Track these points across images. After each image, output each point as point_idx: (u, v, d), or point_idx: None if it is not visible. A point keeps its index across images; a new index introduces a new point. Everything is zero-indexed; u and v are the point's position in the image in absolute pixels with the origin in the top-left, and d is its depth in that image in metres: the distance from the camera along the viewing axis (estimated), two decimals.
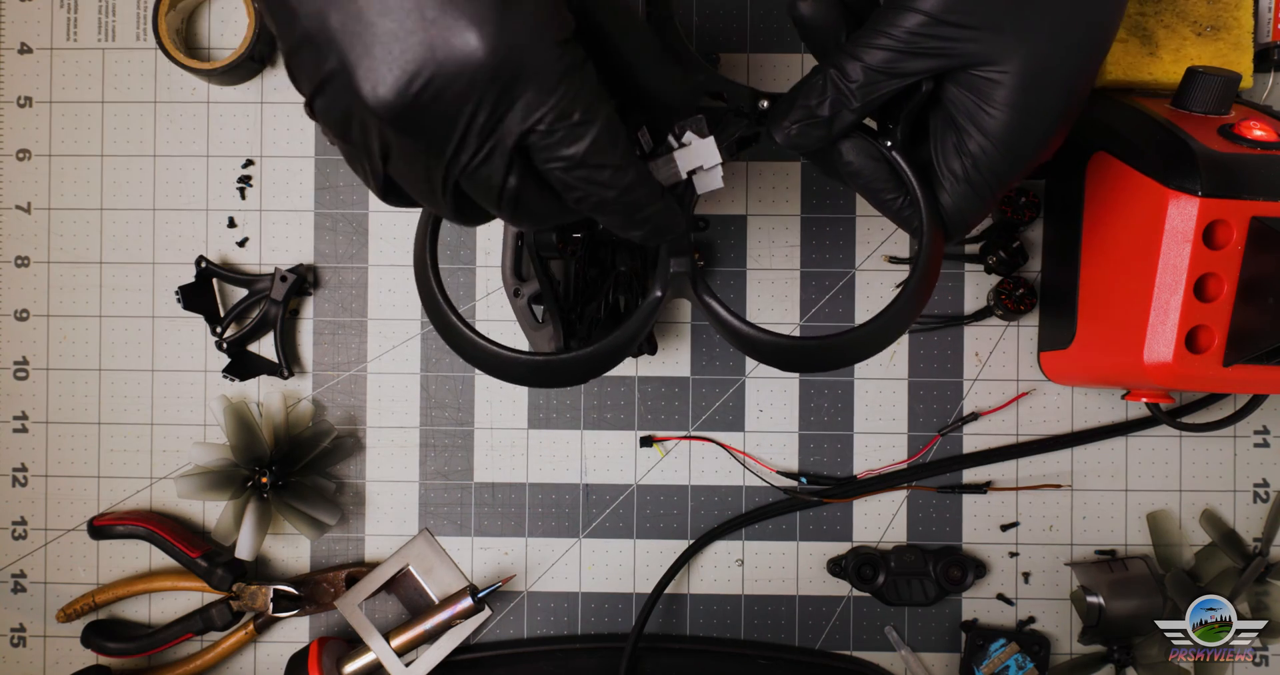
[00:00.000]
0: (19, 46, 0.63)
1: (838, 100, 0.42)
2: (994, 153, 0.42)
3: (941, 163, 0.44)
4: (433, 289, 0.44)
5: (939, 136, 0.44)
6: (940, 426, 0.62)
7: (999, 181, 0.43)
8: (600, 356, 0.42)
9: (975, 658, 0.60)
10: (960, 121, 0.42)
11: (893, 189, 0.45)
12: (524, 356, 0.42)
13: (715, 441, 0.62)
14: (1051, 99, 0.41)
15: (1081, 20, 0.41)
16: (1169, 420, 0.55)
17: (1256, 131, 0.49)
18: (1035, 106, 0.41)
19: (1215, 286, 0.47)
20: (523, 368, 0.43)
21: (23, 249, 0.63)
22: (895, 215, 0.46)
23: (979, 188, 0.43)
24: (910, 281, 0.44)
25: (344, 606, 0.60)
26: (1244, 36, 0.56)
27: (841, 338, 0.43)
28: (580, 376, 0.43)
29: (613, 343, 0.42)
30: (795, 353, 0.44)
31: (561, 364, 0.42)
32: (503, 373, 0.43)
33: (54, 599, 0.63)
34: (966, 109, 0.42)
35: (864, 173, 0.45)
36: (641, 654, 0.60)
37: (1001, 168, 0.42)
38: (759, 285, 0.62)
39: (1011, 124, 0.41)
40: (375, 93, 0.33)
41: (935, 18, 0.40)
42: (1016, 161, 0.42)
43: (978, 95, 0.41)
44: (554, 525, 0.62)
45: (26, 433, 0.63)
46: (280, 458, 0.59)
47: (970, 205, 0.44)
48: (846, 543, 0.62)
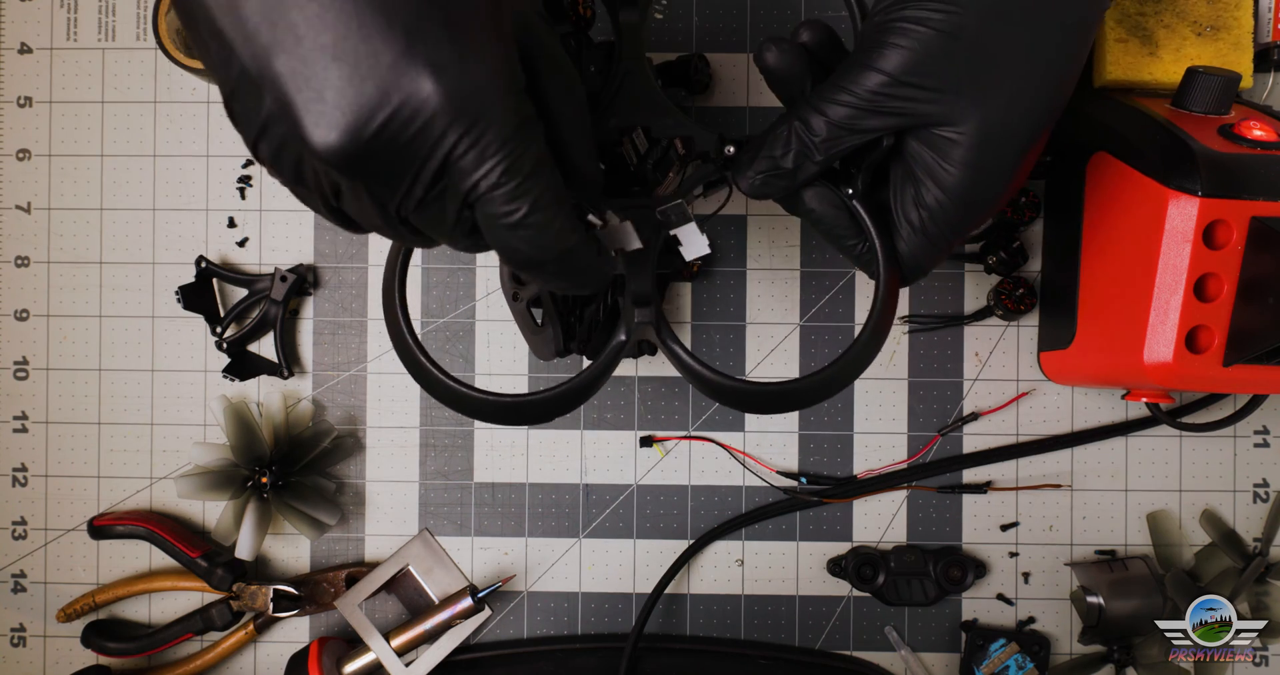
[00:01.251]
0: (19, 46, 0.63)
1: (801, 152, 0.43)
2: (950, 206, 0.44)
3: (900, 213, 0.45)
4: (402, 331, 0.45)
5: (899, 187, 0.45)
6: (940, 426, 0.62)
7: (954, 233, 0.45)
8: (566, 397, 0.44)
9: (975, 658, 0.60)
10: (919, 175, 0.44)
11: (853, 235, 0.47)
12: (490, 397, 0.44)
13: (715, 441, 0.62)
14: (1005, 159, 0.43)
15: (1035, 86, 0.42)
16: (1169, 420, 0.55)
17: (1256, 131, 0.48)
18: (990, 165, 0.43)
19: (1215, 286, 0.47)
20: (490, 407, 0.44)
21: (23, 249, 0.63)
22: (855, 259, 0.47)
23: (935, 239, 0.45)
24: (868, 324, 0.46)
25: (344, 606, 0.60)
26: (1244, 36, 0.56)
27: (801, 383, 0.45)
28: (546, 416, 0.45)
29: (578, 384, 0.44)
30: (758, 397, 0.46)
31: (528, 404, 0.44)
32: (470, 411, 0.45)
33: (54, 599, 0.63)
34: (925, 164, 0.43)
35: (825, 220, 0.46)
36: (641, 654, 0.60)
37: (956, 220, 0.44)
38: (759, 285, 0.62)
39: (966, 181, 0.43)
40: (327, 139, 0.32)
41: (896, 79, 0.41)
42: (971, 215, 0.44)
43: (936, 152, 0.43)
44: (554, 525, 0.62)
45: (26, 433, 0.63)
46: (280, 458, 0.59)
47: (926, 254, 0.46)
48: (846, 543, 0.62)
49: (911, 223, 0.45)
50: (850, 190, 0.46)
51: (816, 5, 0.62)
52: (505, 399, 0.44)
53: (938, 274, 0.62)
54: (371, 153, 0.33)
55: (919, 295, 0.62)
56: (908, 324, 0.62)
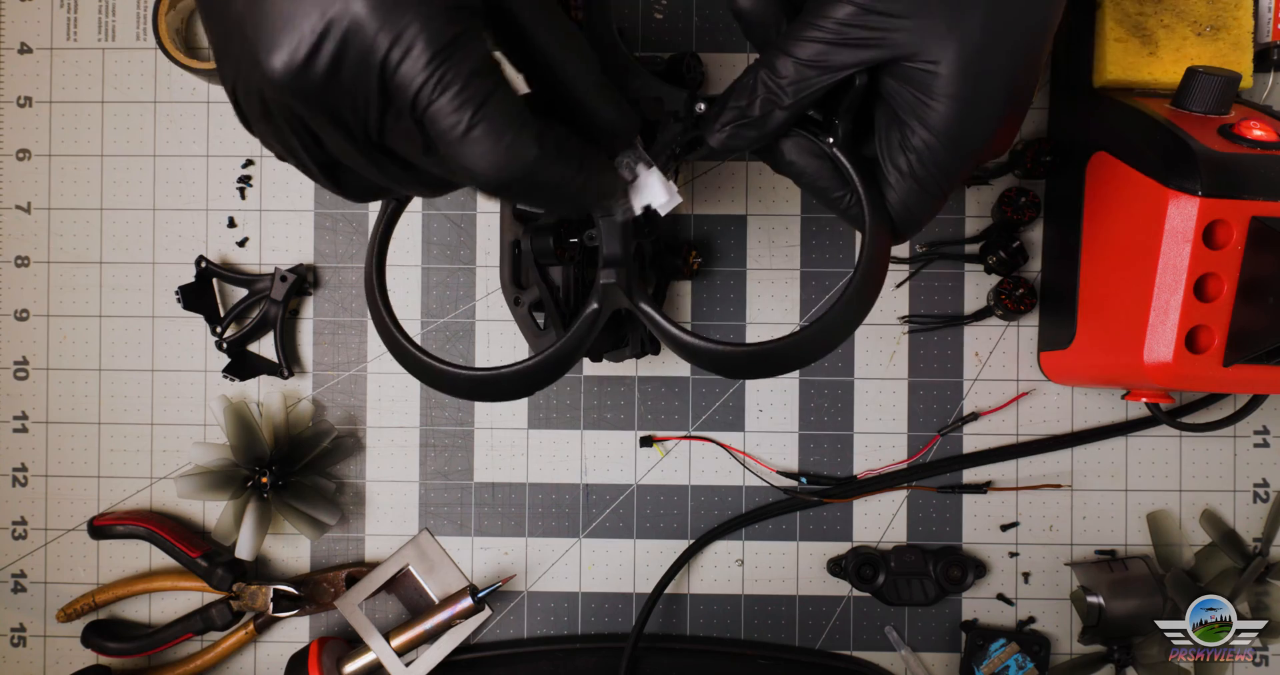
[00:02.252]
0: (19, 46, 0.63)
1: (769, 99, 0.41)
2: (938, 147, 0.41)
3: (887, 159, 0.43)
4: (379, 306, 0.44)
5: (883, 133, 0.43)
6: (940, 426, 0.62)
7: (945, 176, 0.42)
8: (541, 369, 0.42)
9: (975, 658, 0.60)
10: (903, 116, 0.41)
11: (839, 187, 0.44)
12: (464, 371, 0.42)
13: (715, 441, 0.62)
14: (993, 89, 0.40)
15: (1016, 7, 0.40)
16: (1169, 420, 0.55)
17: (1256, 131, 0.48)
18: (975, 96, 0.40)
19: (1215, 286, 0.47)
20: (466, 382, 0.42)
21: (23, 249, 0.63)
22: (844, 214, 0.45)
23: (926, 184, 0.42)
24: (852, 281, 0.42)
25: (344, 606, 0.60)
26: (1244, 36, 0.56)
27: (781, 343, 0.42)
28: (523, 390, 0.43)
29: (554, 355, 0.42)
30: (735, 359, 0.43)
31: (504, 378, 0.42)
32: (446, 387, 0.43)
33: (54, 599, 0.63)
34: (907, 103, 0.41)
35: (807, 172, 0.44)
36: (641, 654, 0.60)
37: (947, 162, 0.41)
38: (759, 285, 0.62)
39: (953, 116, 0.40)
40: (274, 66, 0.33)
41: (863, 7, 0.39)
42: (962, 155, 0.41)
43: (916, 88, 0.40)
44: (554, 525, 0.62)
45: (26, 433, 0.63)
46: (280, 458, 0.59)
47: (918, 202, 0.43)
48: (846, 543, 0.62)
49: (900, 169, 0.42)
50: (831, 139, 0.43)
51: None
52: (478, 373, 0.42)
53: (937, 274, 0.62)
54: (317, 76, 0.33)
55: (919, 295, 0.62)
56: (908, 324, 0.62)
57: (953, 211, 0.62)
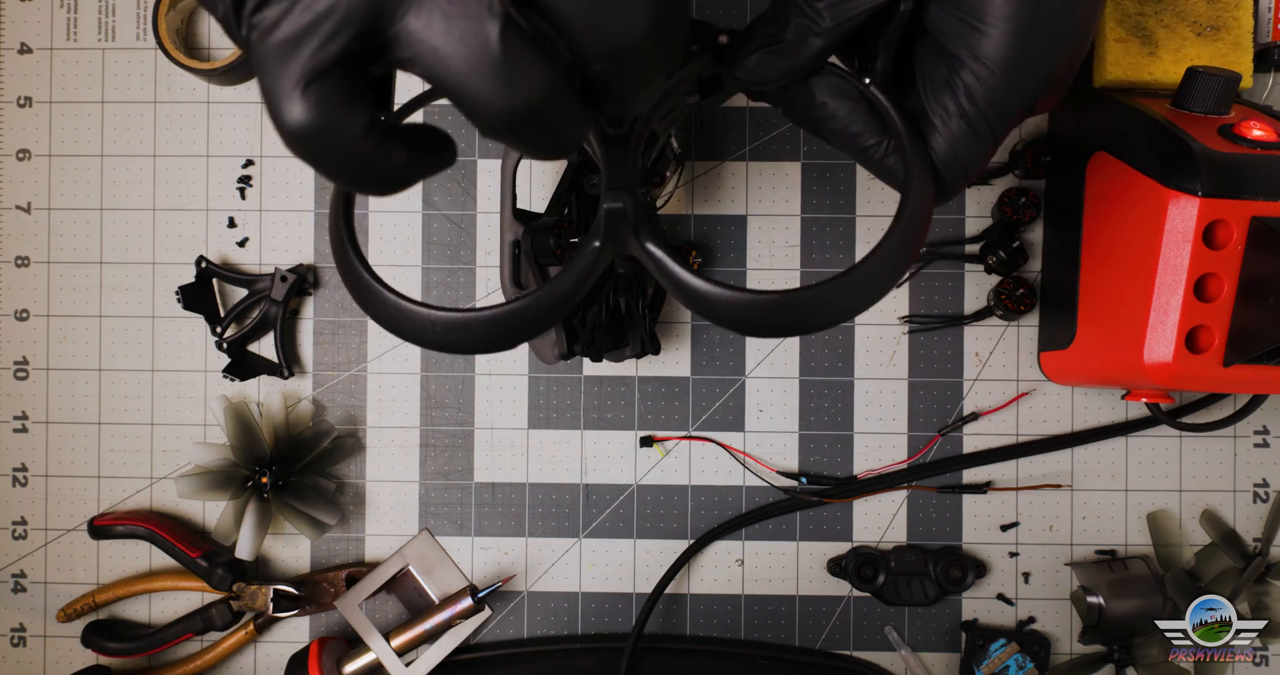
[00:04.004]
0: (19, 46, 0.63)
1: (803, 23, 0.36)
2: (992, 80, 0.36)
3: (931, 100, 0.37)
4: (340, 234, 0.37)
5: (927, 71, 0.38)
6: (940, 426, 0.62)
7: (999, 116, 0.37)
8: (528, 314, 0.36)
9: (975, 658, 0.60)
10: (951, 47, 0.36)
11: (873, 134, 0.39)
12: (437, 312, 0.36)
13: (715, 441, 0.62)
14: (1054, 10, 0.35)
15: None
16: (1169, 420, 0.55)
17: (1256, 131, 0.48)
18: (1037, 19, 0.35)
19: (1215, 286, 0.47)
20: (438, 326, 0.36)
21: (23, 249, 0.63)
22: (878, 166, 0.39)
23: (976, 124, 0.37)
24: (893, 232, 0.36)
25: (344, 606, 0.60)
26: (1244, 36, 0.56)
27: (810, 292, 0.36)
28: (505, 339, 0.36)
29: (545, 298, 0.36)
30: (757, 310, 0.36)
31: (482, 322, 0.35)
32: (411, 332, 0.37)
33: (54, 599, 0.63)
34: (957, 32, 0.36)
35: (839, 115, 0.39)
36: (641, 654, 0.60)
37: (1002, 98, 0.36)
38: (759, 285, 0.62)
39: (1011, 42, 0.35)
40: None
41: None
42: (1020, 89, 0.36)
43: (967, 12, 0.35)
44: (554, 525, 0.62)
45: (26, 433, 0.63)
46: (280, 458, 0.59)
47: (968, 146, 0.37)
48: (846, 543, 0.62)
49: (946, 109, 0.37)
50: (867, 79, 0.38)
51: None
52: (453, 315, 0.36)
53: (938, 274, 0.62)
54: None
55: (919, 295, 0.62)
56: (908, 324, 0.62)
57: (953, 211, 0.62)
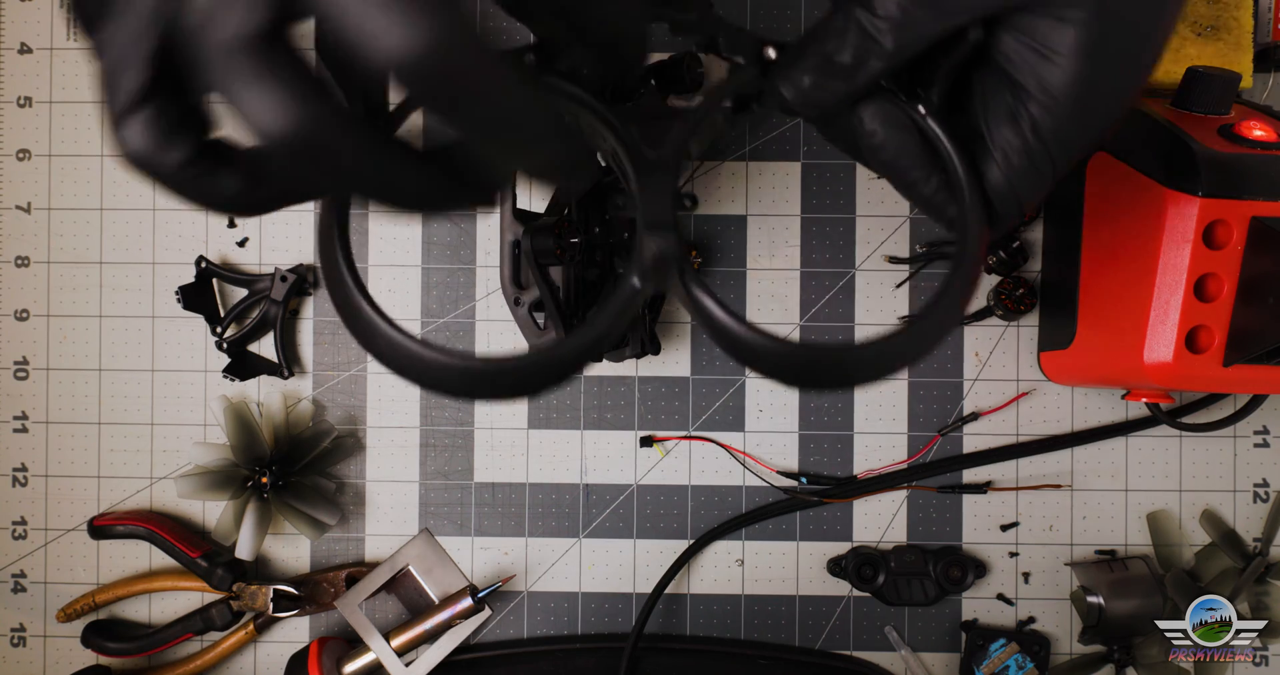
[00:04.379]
0: (19, 46, 0.63)
1: (864, 45, 0.33)
2: (1061, 113, 0.34)
3: (992, 130, 0.35)
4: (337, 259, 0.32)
5: (988, 101, 0.35)
6: (940, 426, 0.62)
7: (1065, 150, 0.35)
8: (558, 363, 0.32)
9: (975, 658, 0.60)
10: (1017, 77, 0.34)
11: (922, 166, 0.36)
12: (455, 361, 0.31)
13: (715, 441, 0.62)
14: (1130, 42, 0.33)
15: None
16: (1169, 420, 0.55)
17: (1256, 131, 0.49)
18: (1111, 52, 0.33)
19: (1215, 286, 0.47)
20: (456, 376, 0.31)
21: (23, 249, 0.63)
22: (925, 201, 0.37)
23: (1039, 158, 0.35)
24: (951, 282, 0.34)
25: (344, 606, 0.60)
26: (1244, 36, 0.56)
27: (868, 349, 0.34)
28: (532, 388, 0.32)
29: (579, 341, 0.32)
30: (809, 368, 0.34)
31: (509, 371, 0.31)
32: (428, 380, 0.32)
33: (54, 599, 0.63)
34: (1025, 61, 0.34)
35: (889, 145, 0.36)
36: (641, 654, 0.60)
37: (1070, 132, 0.34)
38: (759, 285, 0.62)
39: (1082, 75, 0.33)
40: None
41: None
42: (1088, 124, 0.34)
43: (1040, 41, 0.33)
44: (554, 525, 0.62)
45: (26, 433, 0.63)
46: (280, 458, 0.59)
47: (1028, 181, 0.35)
48: (846, 543, 0.62)
49: (1008, 142, 0.35)
50: (922, 107, 0.36)
51: (818, 5, 0.62)
52: (473, 365, 0.31)
53: (938, 274, 0.62)
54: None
55: (919, 295, 0.62)
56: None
57: None
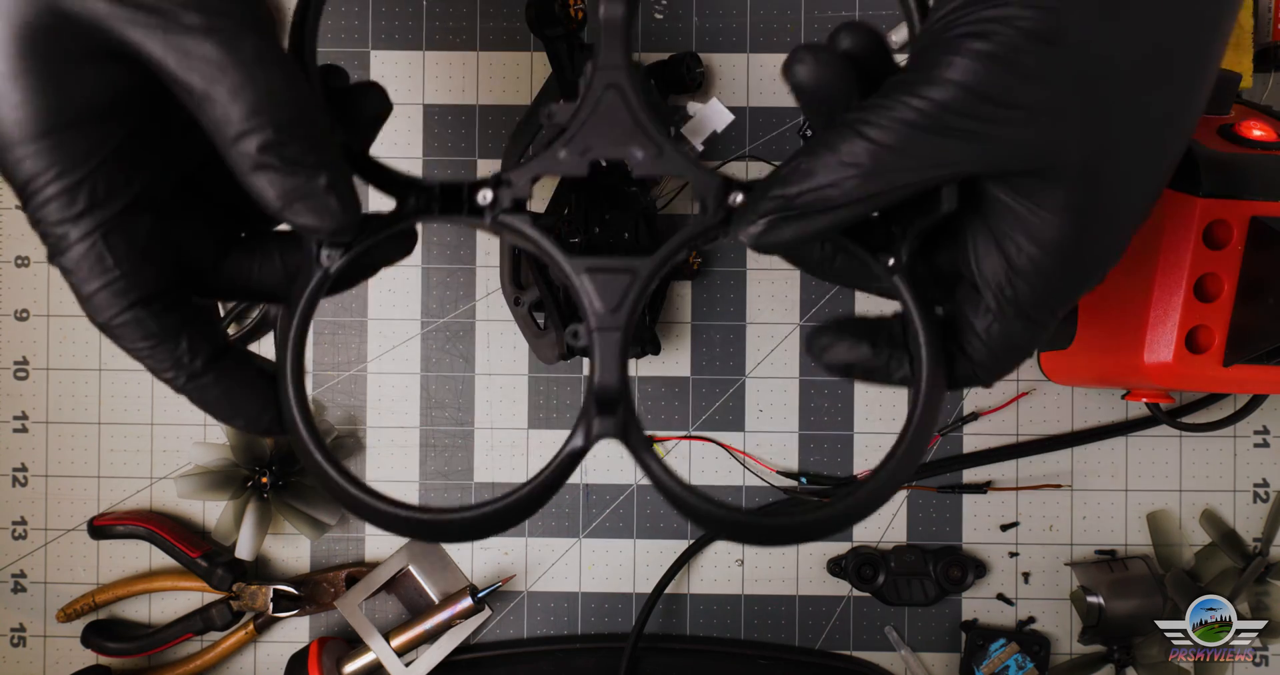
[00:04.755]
0: None
1: (826, 189, 0.30)
2: (1049, 266, 0.32)
3: (979, 278, 0.33)
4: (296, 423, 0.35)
5: (974, 244, 0.33)
6: (940, 426, 0.62)
7: (1054, 302, 0.33)
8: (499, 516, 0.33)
9: (975, 658, 0.60)
10: (1004, 229, 0.32)
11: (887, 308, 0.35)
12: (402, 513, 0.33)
13: (715, 441, 0.62)
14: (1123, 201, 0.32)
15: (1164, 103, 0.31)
16: (1169, 420, 0.55)
17: (1256, 131, 0.48)
18: (1102, 210, 0.32)
19: (1215, 286, 0.47)
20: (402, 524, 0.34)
21: (23, 249, 0.63)
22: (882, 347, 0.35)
23: (1029, 311, 0.33)
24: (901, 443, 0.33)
25: (344, 606, 0.60)
26: (1244, 36, 0.56)
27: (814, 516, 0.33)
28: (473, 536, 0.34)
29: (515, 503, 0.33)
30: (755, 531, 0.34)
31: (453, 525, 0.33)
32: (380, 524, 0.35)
33: (54, 599, 0.63)
34: (1013, 215, 0.32)
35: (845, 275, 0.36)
36: (641, 654, 0.60)
37: (1058, 285, 0.32)
38: (759, 285, 0.62)
39: (1071, 231, 0.31)
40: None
41: (972, 91, 0.29)
42: (1078, 277, 0.33)
43: (1027, 197, 0.31)
44: (554, 525, 0.62)
45: (26, 433, 0.63)
46: (280, 457, 0.59)
47: (1021, 333, 0.33)
48: (846, 543, 0.62)
49: (999, 293, 0.33)
50: (891, 259, 0.33)
51: (818, 4, 0.62)
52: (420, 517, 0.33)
53: None
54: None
55: None
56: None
57: None
